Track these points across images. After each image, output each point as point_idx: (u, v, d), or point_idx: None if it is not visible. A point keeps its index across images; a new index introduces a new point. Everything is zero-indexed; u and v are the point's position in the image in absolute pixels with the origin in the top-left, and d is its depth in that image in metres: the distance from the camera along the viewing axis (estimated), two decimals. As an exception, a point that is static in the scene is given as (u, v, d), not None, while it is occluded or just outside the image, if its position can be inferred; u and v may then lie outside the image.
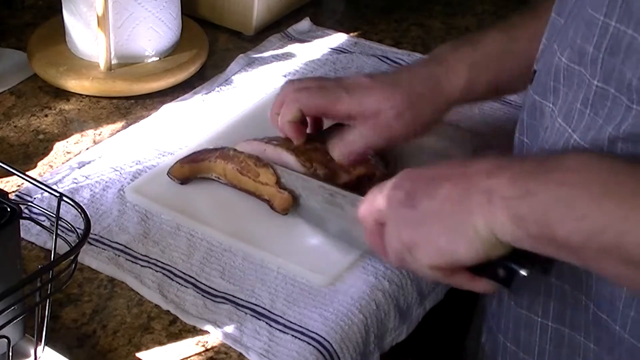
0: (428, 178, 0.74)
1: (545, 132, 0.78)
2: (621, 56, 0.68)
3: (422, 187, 0.74)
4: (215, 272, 0.85)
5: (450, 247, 0.70)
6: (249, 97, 1.10)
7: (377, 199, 0.77)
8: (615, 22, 0.68)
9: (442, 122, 0.95)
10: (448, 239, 0.70)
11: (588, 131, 0.72)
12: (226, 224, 0.90)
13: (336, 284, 0.84)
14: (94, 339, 0.78)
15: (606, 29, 0.69)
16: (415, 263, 0.74)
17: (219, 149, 0.94)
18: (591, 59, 0.70)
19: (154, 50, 1.12)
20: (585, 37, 0.71)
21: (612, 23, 0.68)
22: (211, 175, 0.93)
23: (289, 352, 0.77)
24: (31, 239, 0.88)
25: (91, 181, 0.95)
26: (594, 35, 0.70)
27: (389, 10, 1.35)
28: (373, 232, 0.78)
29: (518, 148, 0.84)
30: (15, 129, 1.04)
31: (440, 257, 0.72)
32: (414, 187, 0.74)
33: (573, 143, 0.73)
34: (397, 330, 0.86)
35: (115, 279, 0.84)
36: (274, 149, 0.92)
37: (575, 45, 0.72)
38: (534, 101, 0.80)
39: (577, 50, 0.72)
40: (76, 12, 1.09)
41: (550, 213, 0.65)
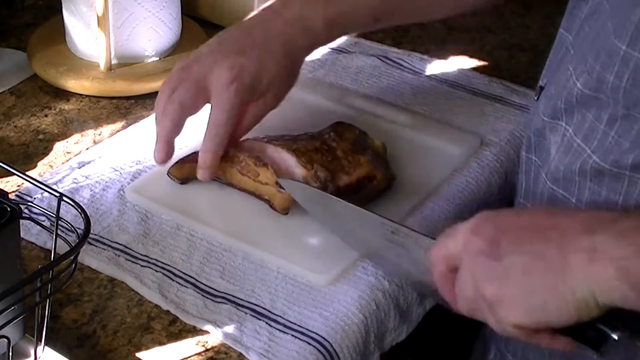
0: (514, 227, 0.69)
1: (557, 152, 0.77)
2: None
3: (508, 237, 0.68)
4: (215, 272, 0.85)
5: (541, 309, 0.66)
6: (249, 97, 1.10)
7: (452, 243, 0.72)
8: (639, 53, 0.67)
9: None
10: (539, 300, 0.65)
11: (610, 153, 0.70)
12: (226, 224, 0.90)
13: (336, 284, 0.84)
14: (94, 339, 0.78)
15: (629, 59, 0.67)
16: (496, 319, 0.69)
17: None
18: (611, 88, 0.69)
19: (154, 50, 1.12)
20: (605, 65, 0.69)
21: (636, 54, 0.67)
22: None
23: (289, 352, 0.77)
24: (31, 239, 0.88)
25: (91, 181, 0.95)
26: (615, 65, 0.68)
27: (389, 10, 1.35)
28: (443, 276, 0.73)
29: (526, 166, 0.83)
30: (15, 129, 1.04)
31: (528, 317, 0.66)
32: (498, 236, 0.68)
33: (592, 164, 0.72)
34: (397, 330, 0.86)
35: (115, 279, 0.84)
36: (274, 149, 0.91)
37: (593, 72, 0.70)
38: (543, 121, 0.79)
39: (595, 77, 0.70)
40: (76, 12, 1.09)
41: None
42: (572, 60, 0.75)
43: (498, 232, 0.69)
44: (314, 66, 1.18)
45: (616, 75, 0.68)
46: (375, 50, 1.22)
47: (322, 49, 1.22)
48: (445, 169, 0.99)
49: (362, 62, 1.19)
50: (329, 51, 1.22)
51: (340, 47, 1.23)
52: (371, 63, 1.19)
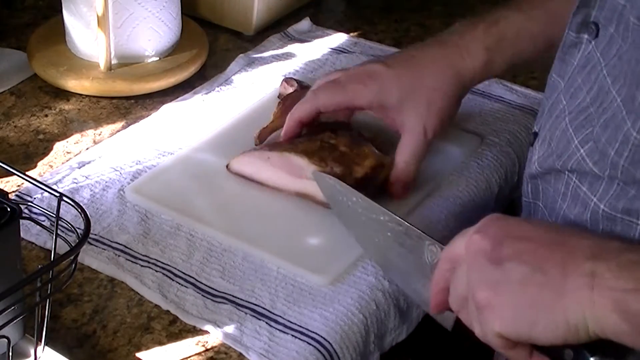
0: (520, 234, 0.67)
1: (564, 201, 0.75)
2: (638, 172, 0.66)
3: (512, 243, 0.67)
4: (215, 272, 0.85)
5: (530, 324, 0.64)
6: (249, 97, 1.10)
7: (458, 242, 0.71)
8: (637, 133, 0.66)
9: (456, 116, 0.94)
10: (530, 315, 0.64)
11: (618, 201, 0.69)
12: (226, 224, 0.90)
13: (336, 284, 0.84)
14: (94, 339, 0.78)
15: (628, 137, 0.66)
16: (481, 323, 0.67)
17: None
18: (611, 163, 0.68)
19: (154, 50, 1.12)
20: (609, 140, 0.68)
21: (634, 134, 0.66)
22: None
23: (289, 352, 0.77)
24: (31, 239, 0.88)
25: (91, 181, 0.95)
26: (617, 141, 0.67)
27: (389, 10, 1.36)
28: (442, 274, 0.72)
29: (533, 211, 0.82)
30: (15, 129, 1.04)
31: (514, 329, 0.65)
32: (502, 239, 0.67)
33: (602, 213, 0.71)
34: (397, 330, 0.86)
35: (115, 279, 0.84)
36: (279, 155, 0.91)
37: (599, 144, 0.69)
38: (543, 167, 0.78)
39: (600, 150, 0.69)
40: (76, 12, 1.09)
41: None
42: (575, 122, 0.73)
43: (503, 235, 0.67)
44: (314, 66, 1.18)
45: (616, 152, 0.67)
46: (375, 50, 1.22)
47: (322, 49, 1.22)
48: (445, 169, 0.99)
49: (362, 62, 1.19)
50: (329, 51, 1.22)
51: (340, 47, 1.23)
52: (371, 63, 1.19)
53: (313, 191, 0.89)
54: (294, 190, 0.91)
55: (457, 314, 0.72)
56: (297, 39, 1.25)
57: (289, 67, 1.17)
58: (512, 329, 0.65)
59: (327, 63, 1.19)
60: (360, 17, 1.33)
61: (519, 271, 0.65)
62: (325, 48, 1.23)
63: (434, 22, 1.32)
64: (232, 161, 0.95)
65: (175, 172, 0.96)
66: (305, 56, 1.20)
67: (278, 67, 1.17)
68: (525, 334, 0.65)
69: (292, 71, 1.16)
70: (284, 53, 1.21)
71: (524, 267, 0.65)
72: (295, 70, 1.17)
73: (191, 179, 0.95)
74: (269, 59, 1.19)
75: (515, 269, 0.65)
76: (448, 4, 1.38)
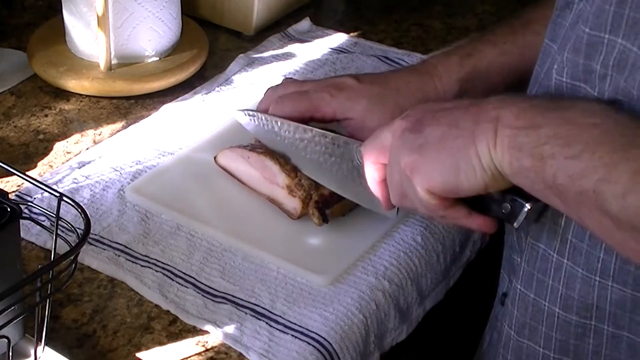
0: (438, 108, 0.74)
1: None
2: (625, 73, 0.67)
3: (431, 114, 0.74)
4: (215, 272, 0.85)
5: (451, 171, 0.70)
6: (249, 97, 1.10)
7: (381, 135, 0.77)
8: (621, 39, 0.67)
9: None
10: (449, 163, 0.70)
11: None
12: (226, 224, 0.90)
13: (336, 284, 0.84)
14: (94, 339, 0.78)
15: (613, 46, 0.68)
16: (414, 191, 0.73)
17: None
18: (599, 76, 0.69)
19: (154, 50, 1.12)
20: (589, 55, 0.70)
21: (619, 40, 0.67)
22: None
23: (289, 352, 0.77)
24: (31, 239, 0.88)
25: (91, 181, 0.95)
26: (601, 53, 0.69)
27: (389, 10, 1.36)
28: (374, 172, 0.78)
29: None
30: (15, 129, 1.04)
31: (439, 180, 0.71)
32: (423, 115, 0.74)
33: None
34: (397, 330, 0.86)
35: (115, 279, 0.84)
36: (257, 157, 0.91)
37: (578, 65, 0.71)
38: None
39: (581, 69, 0.71)
40: (76, 12, 1.09)
41: (546, 147, 0.65)
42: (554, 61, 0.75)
43: (423, 112, 0.75)
44: (314, 66, 1.18)
45: (602, 64, 0.69)
46: (375, 50, 1.22)
47: (322, 49, 1.22)
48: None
49: (362, 62, 1.19)
50: (329, 51, 1.22)
51: (340, 47, 1.23)
52: (371, 63, 1.19)
53: (281, 199, 0.89)
54: (266, 194, 0.91)
55: (400, 204, 0.79)
56: (297, 39, 1.25)
57: (289, 67, 1.17)
58: (439, 181, 0.71)
59: (327, 63, 1.19)
60: (360, 17, 1.33)
61: (438, 131, 0.72)
62: (325, 48, 1.23)
63: (434, 22, 1.32)
64: (219, 154, 0.95)
65: (175, 172, 0.96)
66: (305, 56, 1.20)
67: (278, 67, 1.17)
68: (451, 184, 0.71)
69: (292, 71, 1.16)
70: (284, 53, 1.21)
71: (441, 127, 0.72)
72: (295, 70, 1.17)
73: (191, 179, 0.95)
74: (269, 59, 1.19)
75: (434, 131, 0.72)
76: (448, 4, 1.38)
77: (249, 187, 0.93)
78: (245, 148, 0.93)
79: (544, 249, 0.76)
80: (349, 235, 0.88)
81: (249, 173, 0.92)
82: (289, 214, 0.89)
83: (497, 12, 1.36)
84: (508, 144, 0.67)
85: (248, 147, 0.93)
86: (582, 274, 0.74)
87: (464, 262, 0.96)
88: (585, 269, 0.73)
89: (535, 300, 0.79)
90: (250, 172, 0.92)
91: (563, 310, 0.76)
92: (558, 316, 0.77)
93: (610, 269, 0.72)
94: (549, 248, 0.76)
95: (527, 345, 0.81)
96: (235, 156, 0.93)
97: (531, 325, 0.80)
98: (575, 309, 0.75)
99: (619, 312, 0.73)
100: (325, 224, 0.87)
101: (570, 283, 0.75)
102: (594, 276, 0.73)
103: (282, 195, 0.89)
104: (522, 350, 0.81)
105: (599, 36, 0.69)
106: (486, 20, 1.34)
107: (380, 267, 0.86)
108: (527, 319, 0.80)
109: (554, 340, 0.78)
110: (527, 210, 0.72)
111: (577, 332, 0.76)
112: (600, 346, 0.75)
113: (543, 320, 0.78)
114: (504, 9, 1.36)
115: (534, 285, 0.78)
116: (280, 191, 0.89)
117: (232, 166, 0.94)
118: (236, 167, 0.94)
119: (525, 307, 0.80)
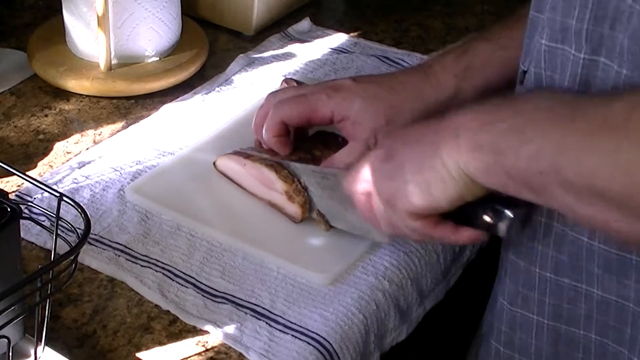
0: (406, 131, 0.77)
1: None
2: (608, 21, 0.67)
3: (400, 139, 0.76)
4: (216, 272, 0.85)
5: (423, 188, 0.72)
6: (249, 97, 1.10)
7: (361, 168, 0.78)
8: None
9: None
10: (420, 180, 0.72)
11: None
12: (226, 224, 0.90)
13: (336, 284, 0.84)
14: (94, 339, 0.78)
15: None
16: (398, 218, 0.75)
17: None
18: (575, 32, 0.70)
19: (154, 50, 1.12)
20: (565, 12, 0.70)
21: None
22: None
23: (289, 352, 0.77)
24: (31, 239, 0.88)
25: (91, 181, 0.95)
26: (575, 8, 0.69)
27: (389, 10, 1.36)
28: (363, 203, 0.79)
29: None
30: (15, 129, 1.04)
31: (415, 200, 0.73)
32: (393, 143, 0.77)
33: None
34: (397, 330, 0.86)
35: (115, 279, 0.84)
36: (253, 164, 0.91)
37: (555, 24, 0.72)
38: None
39: (558, 29, 0.72)
40: (76, 12, 1.09)
41: (503, 140, 0.67)
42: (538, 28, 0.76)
43: (394, 139, 0.77)
44: (313, 66, 1.18)
45: (577, 19, 0.69)
46: (375, 50, 1.22)
47: (322, 49, 1.22)
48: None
49: (362, 62, 1.19)
50: (329, 51, 1.22)
51: (340, 47, 1.23)
52: (371, 63, 1.19)
53: (282, 204, 0.89)
54: (266, 199, 0.91)
55: (392, 233, 0.80)
56: (297, 39, 1.25)
57: (289, 67, 1.17)
58: (416, 201, 0.73)
59: (327, 63, 1.19)
60: (360, 17, 1.33)
61: (407, 154, 0.74)
62: (325, 48, 1.23)
63: (434, 22, 1.32)
64: (217, 159, 0.95)
65: (175, 172, 0.96)
66: (305, 56, 1.20)
67: (278, 67, 1.17)
68: (427, 200, 0.72)
69: (292, 71, 1.16)
70: (284, 53, 1.21)
71: (409, 148, 0.74)
72: (295, 70, 1.17)
73: (191, 179, 0.95)
74: (269, 59, 1.19)
75: (403, 155, 0.74)
76: (448, 4, 1.38)
77: (249, 192, 0.92)
78: (241, 155, 0.93)
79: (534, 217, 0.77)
80: (349, 235, 0.88)
81: (247, 179, 0.92)
82: (291, 218, 0.89)
83: (497, 12, 1.36)
84: (468, 145, 0.68)
85: (244, 153, 0.93)
86: (571, 235, 0.75)
87: (464, 262, 0.97)
88: (573, 229, 0.74)
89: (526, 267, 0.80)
90: (247, 177, 0.92)
91: (554, 274, 0.77)
92: (549, 280, 0.78)
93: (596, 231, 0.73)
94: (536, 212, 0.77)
95: (520, 314, 0.81)
96: (231, 163, 0.93)
97: (523, 293, 0.80)
98: (566, 272, 0.76)
99: (607, 275, 0.74)
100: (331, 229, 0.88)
101: (560, 246, 0.76)
102: (581, 237, 0.74)
103: (282, 201, 0.89)
104: (515, 319, 0.82)
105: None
106: (486, 20, 1.34)
107: (380, 267, 0.86)
108: (519, 287, 0.81)
109: (547, 306, 0.79)
110: (509, 218, 0.73)
111: (570, 295, 0.77)
112: (591, 311, 0.76)
113: (535, 287, 0.79)
114: (504, 9, 1.36)
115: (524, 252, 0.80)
116: (279, 197, 0.89)
117: (231, 172, 0.94)
118: (234, 173, 0.93)
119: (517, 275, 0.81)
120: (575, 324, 0.78)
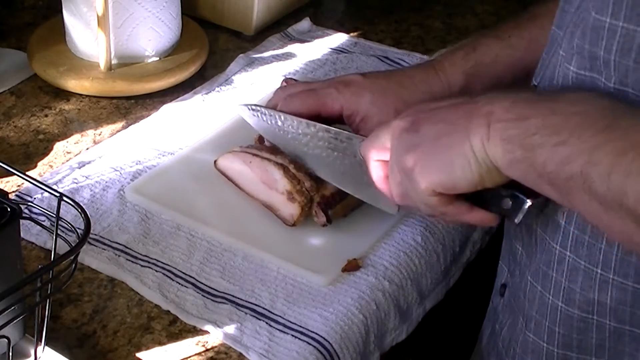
0: (434, 106, 0.76)
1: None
2: (633, 55, 0.67)
3: (426, 114, 0.75)
4: (216, 272, 0.85)
5: (447, 167, 0.71)
6: (249, 97, 1.10)
7: (381, 135, 0.78)
8: (623, 22, 0.67)
9: None
10: (445, 159, 0.71)
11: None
12: (226, 224, 0.90)
13: (336, 284, 0.84)
14: (94, 339, 0.78)
15: (614, 30, 0.68)
16: (414, 190, 0.74)
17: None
18: (603, 62, 0.70)
19: (154, 50, 1.12)
20: (593, 41, 0.70)
21: (620, 23, 0.68)
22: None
23: (289, 352, 0.77)
24: (31, 239, 0.88)
25: (91, 181, 0.95)
26: (602, 39, 0.69)
27: (389, 10, 1.36)
28: (377, 171, 0.79)
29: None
30: (15, 129, 1.04)
31: (437, 177, 0.72)
32: (419, 115, 0.76)
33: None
34: (397, 330, 0.86)
35: (115, 279, 0.84)
36: (260, 162, 0.91)
37: (583, 52, 0.71)
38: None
39: (587, 57, 0.71)
40: (76, 12, 1.09)
41: (535, 137, 0.66)
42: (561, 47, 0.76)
43: (419, 113, 0.76)
44: (314, 66, 1.18)
45: (605, 49, 0.69)
46: (375, 50, 1.22)
47: (322, 49, 1.22)
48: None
49: (362, 62, 1.19)
50: (329, 51, 1.22)
51: (340, 47, 1.23)
52: (371, 63, 1.19)
53: (278, 205, 0.89)
54: (262, 200, 0.91)
55: (403, 203, 0.79)
56: (297, 39, 1.25)
57: (289, 67, 1.18)
58: (437, 178, 0.72)
59: (327, 63, 1.19)
60: (360, 17, 1.33)
61: (433, 129, 0.73)
62: (325, 48, 1.23)
63: (434, 22, 1.33)
64: (220, 157, 0.95)
65: (175, 172, 0.96)
66: (305, 56, 1.20)
67: (278, 67, 1.18)
68: (448, 179, 0.72)
69: (292, 71, 1.16)
70: (284, 53, 1.21)
71: (436, 125, 0.73)
72: (295, 70, 1.17)
73: (191, 179, 0.95)
74: (269, 59, 1.19)
75: (430, 129, 0.74)
76: (448, 4, 1.38)
77: (245, 191, 0.92)
78: (247, 152, 0.93)
79: (548, 242, 0.77)
80: (349, 235, 0.89)
81: (248, 178, 0.92)
82: (284, 221, 0.89)
83: (497, 12, 1.36)
84: (500, 136, 0.68)
85: (250, 150, 0.93)
86: (585, 266, 0.74)
87: (464, 262, 0.97)
88: (587, 261, 0.74)
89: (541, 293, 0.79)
90: (249, 176, 0.92)
91: (565, 304, 0.76)
92: (561, 310, 0.77)
93: (612, 261, 0.72)
94: (552, 241, 0.76)
95: (532, 340, 0.81)
96: (236, 160, 0.93)
97: (536, 319, 0.80)
98: (577, 302, 0.76)
99: (620, 307, 0.73)
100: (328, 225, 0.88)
101: (572, 276, 0.75)
102: (595, 268, 0.73)
103: (279, 201, 0.89)
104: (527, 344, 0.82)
105: (602, 20, 0.69)
106: (486, 20, 1.34)
107: (380, 267, 0.86)
108: (533, 313, 0.80)
109: (557, 335, 0.78)
110: (528, 207, 0.72)
111: (580, 326, 0.76)
112: (603, 340, 0.76)
113: (547, 314, 0.79)
114: (504, 9, 1.37)
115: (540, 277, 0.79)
116: (278, 197, 0.89)
117: (231, 170, 0.94)
118: (235, 171, 0.93)
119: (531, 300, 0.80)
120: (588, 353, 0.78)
